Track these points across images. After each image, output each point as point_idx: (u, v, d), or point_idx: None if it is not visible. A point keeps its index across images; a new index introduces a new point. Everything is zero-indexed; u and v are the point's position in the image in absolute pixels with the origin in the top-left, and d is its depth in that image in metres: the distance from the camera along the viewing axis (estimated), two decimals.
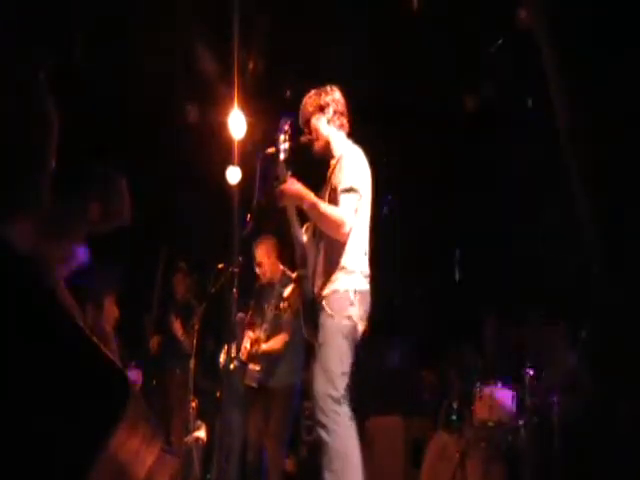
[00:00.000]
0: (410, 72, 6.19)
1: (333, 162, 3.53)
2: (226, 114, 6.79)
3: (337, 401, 3.13)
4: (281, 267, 5.11)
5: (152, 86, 6.14)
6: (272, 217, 3.77)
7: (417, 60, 6.00)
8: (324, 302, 3.28)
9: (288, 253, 4.01)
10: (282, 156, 3.41)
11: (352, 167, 3.37)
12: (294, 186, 3.30)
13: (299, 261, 3.53)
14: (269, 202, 3.46)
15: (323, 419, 3.11)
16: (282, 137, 3.45)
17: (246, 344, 4.93)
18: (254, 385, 4.94)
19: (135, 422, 1.23)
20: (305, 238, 3.55)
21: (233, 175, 7.26)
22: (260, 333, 4.92)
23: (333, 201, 3.33)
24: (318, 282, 3.37)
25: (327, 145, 3.56)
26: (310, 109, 3.55)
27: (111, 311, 3.34)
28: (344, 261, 3.31)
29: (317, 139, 3.54)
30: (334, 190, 3.35)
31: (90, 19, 5.32)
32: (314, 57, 6.09)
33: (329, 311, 3.24)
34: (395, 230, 7.11)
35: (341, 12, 5.73)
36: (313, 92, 3.60)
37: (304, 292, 3.45)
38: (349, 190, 3.29)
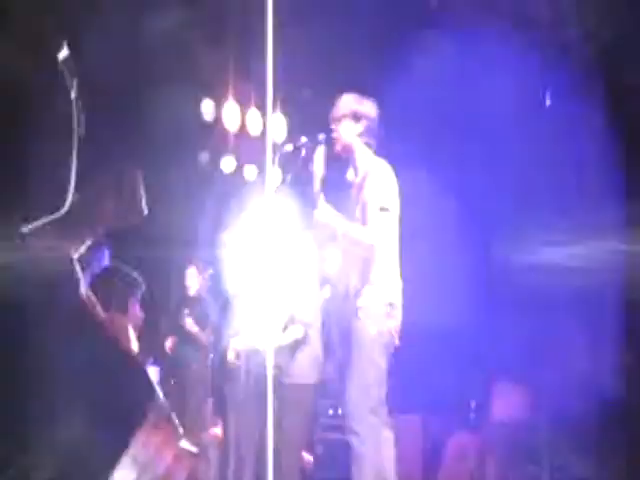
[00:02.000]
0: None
1: (358, 176, 3.48)
2: (242, 112, 6.83)
3: (371, 410, 3.13)
4: None
5: (169, 82, 6.14)
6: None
7: None
8: (360, 312, 3.28)
9: None
10: (319, 181, 3.37)
11: (385, 184, 3.36)
12: (327, 216, 3.30)
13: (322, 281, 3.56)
14: None
15: (356, 427, 3.12)
16: (317, 165, 3.41)
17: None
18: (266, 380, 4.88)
19: (157, 421, 1.22)
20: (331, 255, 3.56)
21: (250, 172, 7.29)
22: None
23: (364, 217, 3.33)
24: (352, 292, 3.36)
25: (348, 152, 3.52)
26: (345, 111, 3.49)
27: (135, 312, 3.35)
28: (379, 275, 3.32)
29: (340, 142, 3.50)
30: (366, 206, 3.33)
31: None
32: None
33: (365, 321, 3.24)
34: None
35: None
36: (354, 96, 3.54)
37: (335, 300, 3.47)
38: (383, 209, 3.30)
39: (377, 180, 3.36)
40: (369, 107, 3.50)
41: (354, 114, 3.46)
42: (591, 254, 4.60)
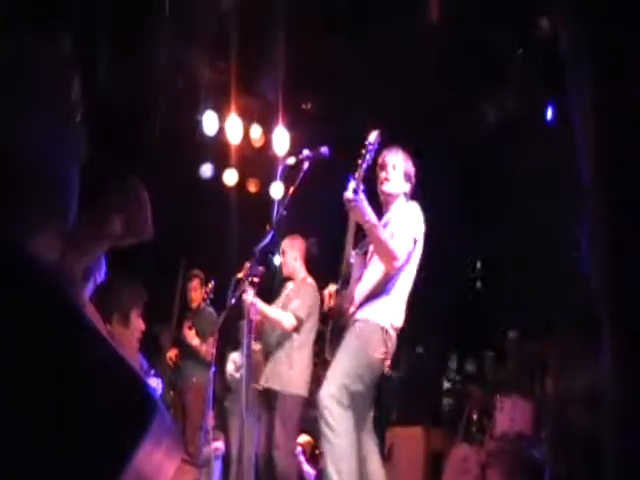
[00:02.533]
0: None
1: (388, 215, 3.55)
2: (247, 127, 6.87)
3: (343, 407, 3.16)
4: (305, 272, 5.10)
5: (172, 100, 6.19)
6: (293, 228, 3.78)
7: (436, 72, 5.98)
8: (356, 324, 3.31)
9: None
10: (364, 168, 3.36)
11: (414, 218, 3.43)
12: (363, 203, 3.29)
13: (342, 279, 3.55)
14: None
15: (330, 419, 3.14)
16: (368, 153, 3.39)
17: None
18: (259, 387, 4.91)
19: (159, 435, 1.23)
20: (353, 259, 3.55)
21: (253, 186, 7.33)
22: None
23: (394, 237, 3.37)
24: (355, 303, 3.40)
25: (390, 200, 3.57)
26: (402, 164, 3.56)
27: (137, 324, 3.35)
28: (385, 294, 3.35)
29: (390, 187, 3.55)
30: (395, 233, 3.39)
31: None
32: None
33: (359, 333, 3.28)
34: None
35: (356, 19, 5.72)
36: (403, 153, 3.59)
37: (338, 309, 3.47)
38: (408, 235, 3.36)
39: (409, 212, 3.46)
40: (413, 167, 3.61)
41: (408, 175, 3.57)
42: None
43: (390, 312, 3.35)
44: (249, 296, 4.21)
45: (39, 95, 1.70)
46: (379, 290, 3.34)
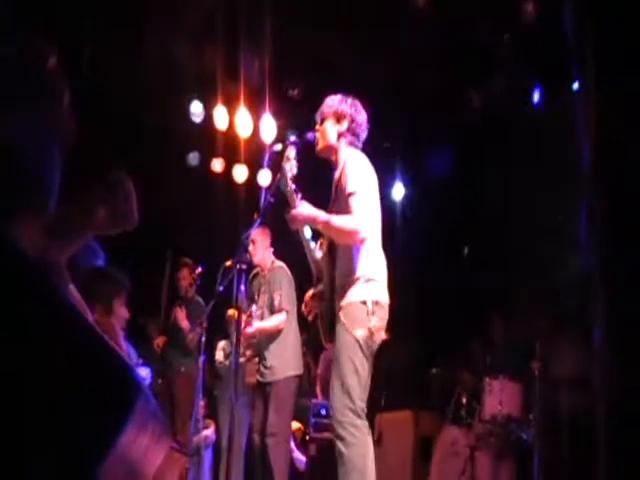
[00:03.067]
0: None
1: (337, 173, 3.47)
2: (232, 113, 6.84)
3: (355, 413, 3.11)
4: (272, 257, 5.17)
5: (158, 87, 6.15)
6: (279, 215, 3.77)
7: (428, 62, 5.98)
8: (341, 313, 3.25)
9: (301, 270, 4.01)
10: (290, 181, 3.32)
11: (356, 170, 3.32)
12: (305, 210, 3.23)
13: (316, 278, 3.53)
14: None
15: (341, 432, 3.09)
16: (288, 165, 3.36)
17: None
18: (252, 380, 4.96)
19: (145, 420, 1.24)
20: (320, 254, 3.53)
21: (240, 173, 7.31)
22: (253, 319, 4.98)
23: (344, 210, 3.29)
24: (336, 295, 3.35)
25: (330, 152, 3.51)
26: (327, 110, 3.49)
27: (121, 312, 3.35)
28: (360, 271, 3.26)
29: (323, 141, 3.49)
30: (343, 198, 3.31)
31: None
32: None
33: (345, 322, 3.21)
34: (404, 229, 7.15)
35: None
36: (339, 96, 3.52)
37: (322, 309, 3.46)
38: (355, 193, 3.25)
39: (349, 167, 3.33)
40: (352, 108, 3.47)
41: (336, 115, 3.46)
42: None
43: (371, 281, 3.27)
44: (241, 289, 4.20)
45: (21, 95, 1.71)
46: (354, 270, 3.27)
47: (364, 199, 3.26)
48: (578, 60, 1.49)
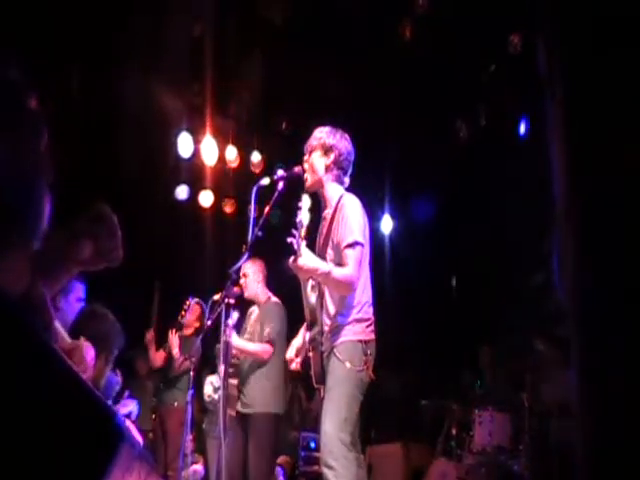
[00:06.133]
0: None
1: (328, 211, 3.50)
2: (221, 147, 6.88)
3: (347, 446, 3.12)
4: (269, 293, 5.12)
5: (145, 120, 6.19)
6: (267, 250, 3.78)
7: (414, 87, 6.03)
8: (335, 350, 3.28)
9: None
10: (303, 230, 3.27)
11: (353, 220, 3.34)
12: (309, 263, 3.24)
13: (310, 323, 3.54)
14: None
15: (332, 462, 3.08)
16: (302, 215, 3.28)
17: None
18: (232, 413, 4.89)
19: (129, 464, 1.23)
20: (313, 298, 3.55)
21: (229, 206, 7.33)
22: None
23: (337, 256, 3.34)
24: (329, 336, 3.37)
25: (319, 186, 3.54)
26: (315, 142, 3.52)
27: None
28: (352, 313, 3.32)
29: (312, 176, 3.52)
30: (337, 245, 3.35)
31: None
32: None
33: (340, 358, 3.25)
34: (392, 261, 7.18)
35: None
36: (327, 128, 3.55)
37: (318, 352, 3.45)
38: (353, 245, 3.28)
39: (345, 215, 3.36)
40: (340, 141, 3.50)
41: (323, 147, 3.49)
42: None
43: (362, 323, 3.33)
44: (230, 320, 4.18)
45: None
46: (346, 312, 3.33)
47: (359, 251, 3.30)
48: (549, 95, 1.52)
